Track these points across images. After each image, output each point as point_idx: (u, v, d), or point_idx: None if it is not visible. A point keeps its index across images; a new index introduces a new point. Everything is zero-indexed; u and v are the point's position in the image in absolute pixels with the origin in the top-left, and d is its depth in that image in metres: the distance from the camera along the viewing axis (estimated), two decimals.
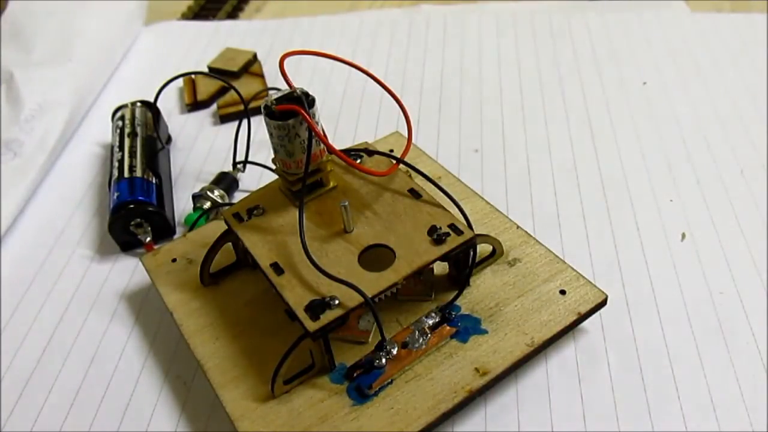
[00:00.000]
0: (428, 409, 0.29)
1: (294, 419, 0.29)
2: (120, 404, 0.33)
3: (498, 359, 0.31)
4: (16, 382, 0.35)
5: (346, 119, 0.51)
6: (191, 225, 0.40)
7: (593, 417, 0.31)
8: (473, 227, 0.32)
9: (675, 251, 0.38)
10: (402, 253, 0.30)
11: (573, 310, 0.32)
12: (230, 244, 0.35)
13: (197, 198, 0.42)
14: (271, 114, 0.30)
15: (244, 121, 0.45)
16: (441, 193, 0.34)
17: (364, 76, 0.34)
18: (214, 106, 0.53)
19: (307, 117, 0.29)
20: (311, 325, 0.28)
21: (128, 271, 0.40)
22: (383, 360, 0.31)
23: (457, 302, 0.33)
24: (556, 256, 0.35)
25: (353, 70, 0.34)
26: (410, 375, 0.30)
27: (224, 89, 0.53)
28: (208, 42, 0.61)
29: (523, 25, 0.59)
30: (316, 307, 0.28)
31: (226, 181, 0.44)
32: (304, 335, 0.28)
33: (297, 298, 0.29)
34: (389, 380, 0.30)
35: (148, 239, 0.40)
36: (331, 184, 0.34)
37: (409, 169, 0.35)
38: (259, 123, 0.47)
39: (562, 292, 0.33)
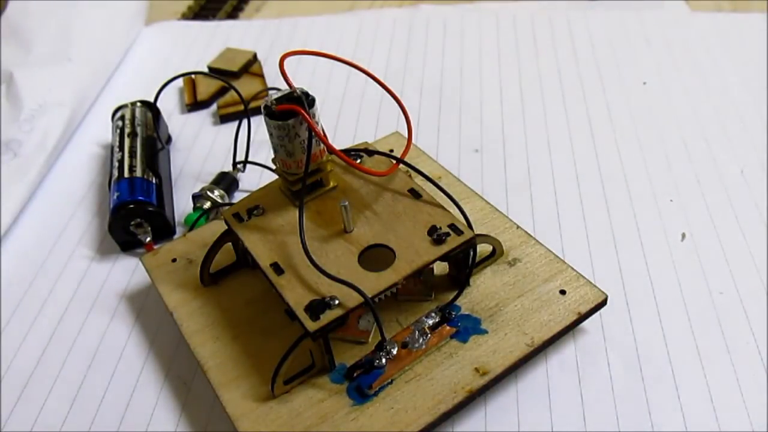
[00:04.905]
0: (428, 409, 0.29)
1: (294, 419, 0.29)
2: (120, 404, 0.33)
3: (498, 359, 0.31)
4: (16, 382, 0.35)
5: (346, 119, 0.51)
6: (191, 225, 0.40)
7: (593, 417, 0.31)
8: (473, 227, 0.32)
9: (675, 251, 0.38)
10: (402, 253, 0.30)
11: (573, 310, 0.32)
12: (230, 244, 0.35)
13: (197, 198, 0.42)
14: (271, 114, 0.30)
15: (244, 121, 0.45)
16: (441, 193, 0.34)
17: (364, 76, 0.34)
18: (214, 106, 0.53)
19: (307, 117, 0.29)
20: (311, 325, 0.28)
21: (128, 271, 0.40)
22: (383, 360, 0.31)
23: (457, 302, 0.33)
24: (556, 256, 0.35)
25: (353, 70, 0.34)
26: (410, 375, 0.30)
27: (224, 89, 0.53)
28: (208, 42, 0.61)
29: (523, 25, 0.59)
30: (316, 307, 0.28)
31: (226, 181, 0.44)
32: (304, 335, 0.28)
33: (297, 298, 0.29)
34: (389, 380, 0.30)
35: (148, 239, 0.40)
36: (331, 184, 0.34)
37: (409, 169, 0.35)
38: (259, 123, 0.47)
39: (562, 292, 0.33)
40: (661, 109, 0.49)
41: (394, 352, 0.31)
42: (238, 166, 0.45)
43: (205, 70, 0.55)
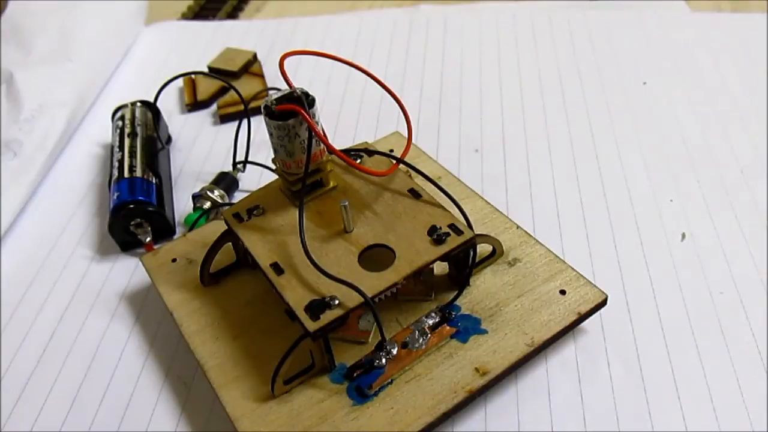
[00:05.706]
0: (428, 409, 0.29)
1: (294, 419, 0.29)
2: (120, 404, 0.33)
3: (498, 359, 0.31)
4: (16, 382, 0.35)
5: (346, 119, 0.51)
6: (191, 225, 0.41)
7: (593, 417, 0.31)
8: (473, 227, 0.32)
9: (675, 251, 0.38)
10: (402, 253, 0.30)
11: (573, 310, 0.32)
12: (230, 244, 0.35)
13: (197, 198, 0.42)
14: (271, 114, 0.30)
15: (244, 121, 0.45)
16: (441, 193, 0.34)
17: (364, 76, 0.34)
18: (214, 106, 0.53)
19: (307, 117, 0.29)
20: (311, 325, 0.28)
21: (128, 271, 0.40)
22: (383, 360, 0.31)
23: (457, 302, 0.33)
24: (556, 256, 0.35)
25: (353, 70, 0.34)
26: (410, 375, 0.30)
27: (224, 89, 0.53)
28: (208, 42, 0.61)
29: (523, 25, 0.59)
30: (316, 307, 0.28)
31: (226, 181, 0.44)
32: (304, 335, 0.28)
33: (297, 298, 0.29)
34: (389, 380, 0.30)
35: (148, 239, 0.40)
36: (331, 184, 0.34)
37: (409, 169, 0.35)
38: (259, 123, 0.47)
39: (562, 292, 0.33)
40: (661, 109, 0.49)
41: (394, 352, 0.31)
42: (238, 166, 0.45)
43: (205, 70, 0.55)
